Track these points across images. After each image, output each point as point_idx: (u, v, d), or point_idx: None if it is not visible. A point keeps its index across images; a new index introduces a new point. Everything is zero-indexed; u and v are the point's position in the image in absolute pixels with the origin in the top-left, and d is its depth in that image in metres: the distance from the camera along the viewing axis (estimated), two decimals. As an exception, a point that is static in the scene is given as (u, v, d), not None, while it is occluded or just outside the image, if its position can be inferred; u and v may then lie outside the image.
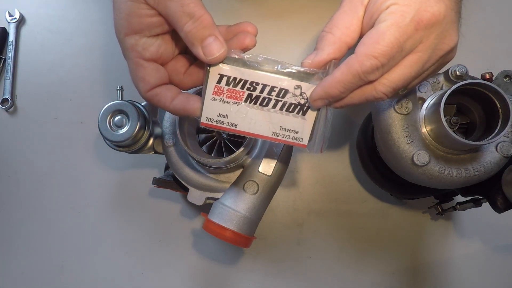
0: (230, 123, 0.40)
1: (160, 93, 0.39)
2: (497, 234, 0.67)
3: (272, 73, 0.38)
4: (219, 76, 0.38)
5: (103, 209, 0.70)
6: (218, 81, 0.39)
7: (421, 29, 0.34)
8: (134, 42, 0.38)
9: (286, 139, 0.40)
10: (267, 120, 0.39)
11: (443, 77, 0.49)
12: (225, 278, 0.67)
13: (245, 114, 0.39)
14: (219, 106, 0.39)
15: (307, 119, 0.39)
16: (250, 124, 0.40)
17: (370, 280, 0.66)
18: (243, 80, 0.38)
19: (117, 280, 0.68)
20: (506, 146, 0.45)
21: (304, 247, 0.67)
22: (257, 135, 0.40)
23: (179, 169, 0.51)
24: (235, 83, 0.39)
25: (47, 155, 0.72)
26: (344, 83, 0.35)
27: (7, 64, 0.74)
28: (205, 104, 0.39)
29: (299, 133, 0.40)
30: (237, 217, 0.47)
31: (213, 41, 0.36)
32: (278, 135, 0.40)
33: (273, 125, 0.40)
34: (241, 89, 0.39)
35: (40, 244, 0.70)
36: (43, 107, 0.73)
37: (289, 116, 0.39)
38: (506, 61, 0.70)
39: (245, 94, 0.39)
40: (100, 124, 0.50)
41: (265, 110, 0.39)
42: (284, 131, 0.40)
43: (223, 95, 0.39)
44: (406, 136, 0.46)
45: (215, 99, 0.39)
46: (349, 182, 0.69)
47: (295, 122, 0.40)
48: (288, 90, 0.39)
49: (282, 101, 0.39)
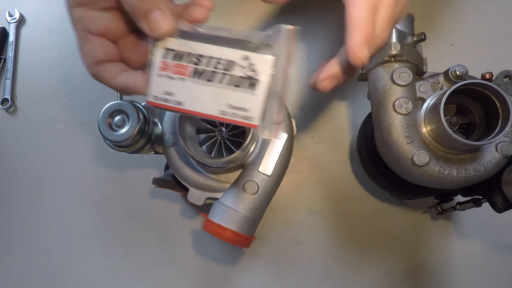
0: (176, 102, 0.36)
1: (104, 69, 0.37)
2: (497, 234, 0.67)
3: (219, 45, 0.35)
4: (165, 50, 0.36)
5: (103, 209, 0.70)
6: (164, 56, 0.36)
7: None
8: (81, 15, 0.37)
9: (234, 119, 0.36)
10: (214, 97, 0.36)
11: (443, 77, 0.49)
12: (225, 278, 0.67)
13: (191, 91, 0.36)
14: (166, 83, 0.36)
15: (257, 95, 0.35)
16: (197, 102, 0.36)
17: (370, 280, 0.66)
18: (190, 53, 0.35)
19: (117, 280, 0.68)
20: (506, 146, 0.45)
21: (304, 247, 0.67)
22: (204, 114, 0.36)
23: (179, 169, 0.51)
24: (181, 57, 0.36)
25: (47, 155, 0.72)
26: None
27: (7, 64, 0.74)
28: (151, 82, 0.36)
29: (248, 111, 0.36)
30: (237, 217, 0.47)
31: (158, 15, 0.34)
32: (225, 114, 0.36)
33: (220, 102, 0.36)
34: (188, 64, 0.36)
35: (40, 244, 0.70)
36: (43, 107, 0.73)
37: (237, 91, 0.35)
38: (506, 61, 0.70)
39: (191, 69, 0.36)
40: (100, 124, 0.50)
41: (211, 86, 0.36)
42: (232, 109, 0.36)
43: (170, 70, 0.36)
44: (406, 136, 0.46)
45: (162, 76, 0.36)
46: (349, 182, 0.69)
47: (244, 99, 0.35)
48: (235, 62, 0.35)
49: (229, 75, 0.35)
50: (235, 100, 0.36)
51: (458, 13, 0.73)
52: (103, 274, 0.68)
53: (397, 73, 0.47)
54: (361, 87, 0.71)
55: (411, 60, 0.47)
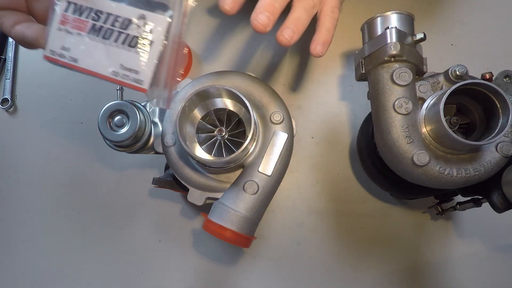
0: (71, 58, 0.36)
1: (4, 16, 0.37)
2: (497, 234, 0.67)
3: (119, 1, 0.35)
4: (67, 3, 0.35)
5: (103, 209, 0.70)
6: (66, 9, 0.35)
7: None
8: None
9: (125, 81, 0.35)
10: (107, 56, 0.35)
11: (443, 77, 0.49)
12: (225, 278, 0.67)
13: (87, 47, 0.35)
14: (63, 38, 0.35)
15: (149, 57, 0.35)
16: (91, 60, 0.35)
17: (370, 280, 0.66)
18: (90, 8, 0.35)
19: (117, 280, 0.68)
20: (506, 146, 0.45)
21: (304, 247, 0.67)
22: (96, 73, 0.36)
23: (179, 169, 0.51)
24: (81, 12, 0.35)
25: (47, 155, 0.72)
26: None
27: (7, 64, 0.74)
28: (51, 35, 0.35)
29: (139, 73, 0.35)
30: (237, 217, 0.47)
31: None
32: (117, 75, 0.35)
33: (113, 62, 0.35)
34: (87, 19, 0.35)
35: (40, 244, 0.70)
36: (43, 107, 0.73)
37: (130, 52, 0.35)
38: (506, 61, 0.70)
39: (89, 25, 0.35)
40: (100, 124, 0.50)
41: (107, 44, 0.35)
42: (124, 70, 0.35)
43: (69, 25, 0.35)
44: (406, 136, 0.46)
45: (61, 29, 0.35)
46: (349, 182, 0.69)
47: (136, 60, 0.35)
48: (131, 21, 0.34)
49: (125, 33, 0.35)
50: (127, 60, 0.35)
51: (458, 13, 0.73)
52: (103, 274, 0.68)
53: (397, 73, 0.47)
54: (361, 87, 0.71)
55: (411, 60, 0.47)
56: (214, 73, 0.53)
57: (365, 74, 0.51)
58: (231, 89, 0.47)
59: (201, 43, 0.74)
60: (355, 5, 0.72)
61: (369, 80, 0.51)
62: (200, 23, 0.75)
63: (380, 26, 0.50)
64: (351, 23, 0.59)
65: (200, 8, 0.75)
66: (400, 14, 0.50)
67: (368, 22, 0.51)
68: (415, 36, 0.49)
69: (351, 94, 0.71)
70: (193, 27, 0.75)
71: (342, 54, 0.73)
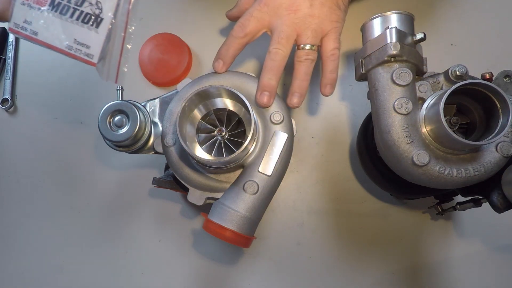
0: (32, 31, 0.40)
1: None
2: (497, 234, 0.67)
3: None
4: None
5: (103, 209, 0.70)
6: None
7: None
8: None
9: (78, 54, 0.40)
10: (64, 31, 0.40)
11: (443, 77, 0.49)
12: (225, 278, 0.67)
13: (46, 21, 0.39)
14: (26, 12, 0.39)
15: (99, 33, 0.39)
16: (49, 33, 0.40)
17: (370, 280, 0.66)
18: None
19: (117, 280, 0.68)
20: (506, 146, 0.45)
21: (304, 247, 0.67)
22: (53, 46, 0.40)
23: (179, 169, 0.51)
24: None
25: (47, 155, 0.72)
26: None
27: (7, 64, 0.74)
28: (15, 9, 0.39)
29: (90, 48, 0.40)
30: (237, 217, 0.47)
31: None
32: (71, 49, 0.40)
33: (68, 36, 0.40)
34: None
35: (40, 244, 0.70)
36: (43, 107, 0.73)
37: (83, 27, 0.39)
38: (506, 61, 0.70)
39: (49, 0, 0.39)
40: (100, 124, 0.50)
41: (63, 19, 0.39)
42: (77, 45, 0.40)
43: (31, 0, 0.39)
44: (406, 136, 0.46)
45: (24, 4, 0.39)
46: (349, 182, 0.69)
47: (88, 35, 0.40)
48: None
49: (79, 10, 0.39)
50: (80, 36, 0.40)
51: (458, 13, 0.73)
52: (103, 274, 0.68)
53: (397, 73, 0.47)
54: (361, 87, 0.71)
55: (411, 60, 0.47)
56: (214, 73, 0.53)
57: (365, 74, 0.51)
58: (231, 89, 0.47)
59: (201, 43, 0.74)
60: (355, 5, 0.72)
61: (369, 80, 0.50)
62: (200, 23, 0.75)
63: (380, 26, 0.50)
64: (351, 23, 0.59)
65: (200, 8, 0.75)
66: (400, 14, 0.50)
67: (368, 22, 0.51)
68: (415, 36, 0.49)
69: (351, 94, 0.71)
70: (193, 27, 0.75)
71: (342, 54, 0.73)
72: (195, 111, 0.50)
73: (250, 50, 0.72)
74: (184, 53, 0.72)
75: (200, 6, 0.75)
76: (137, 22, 0.75)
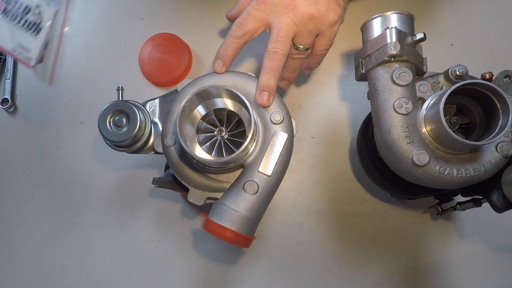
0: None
1: None
2: (497, 234, 0.67)
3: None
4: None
5: (103, 209, 0.70)
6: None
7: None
8: None
9: (20, 56, 0.45)
10: (12, 35, 0.44)
11: (443, 77, 0.49)
12: (225, 278, 0.67)
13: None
14: None
15: (37, 39, 0.45)
16: (0, 35, 0.45)
17: (370, 280, 0.66)
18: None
19: (117, 280, 0.68)
20: (506, 146, 0.45)
21: (304, 247, 0.67)
22: (3, 48, 0.45)
23: (179, 169, 0.51)
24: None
25: (47, 155, 0.72)
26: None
27: (7, 64, 0.74)
28: None
29: (30, 51, 0.45)
30: (237, 217, 0.47)
31: None
32: (15, 51, 0.45)
33: (15, 40, 0.45)
34: (2, 1, 0.44)
35: (40, 244, 0.70)
36: (43, 107, 0.73)
37: (27, 33, 0.45)
38: (506, 61, 0.70)
39: (2, 7, 0.44)
40: (100, 124, 0.50)
41: (12, 25, 0.44)
42: (20, 48, 0.45)
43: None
44: (406, 136, 0.46)
45: None
46: (349, 182, 0.69)
47: (30, 41, 0.45)
48: (31, 8, 0.44)
49: (25, 18, 0.44)
50: (24, 40, 0.45)
51: (458, 13, 0.73)
52: (103, 274, 0.68)
53: (397, 73, 0.47)
54: (361, 87, 0.71)
55: (411, 60, 0.47)
56: (214, 73, 0.53)
57: (365, 74, 0.51)
58: (231, 89, 0.47)
59: (201, 43, 0.74)
60: (355, 5, 0.72)
61: (369, 80, 0.51)
62: (200, 23, 0.75)
63: (380, 26, 0.50)
64: (351, 23, 0.59)
65: (200, 8, 0.75)
66: (400, 14, 0.50)
67: (368, 22, 0.51)
68: (415, 36, 0.49)
69: (351, 94, 0.71)
70: (193, 27, 0.75)
71: (342, 54, 0.73)
72: (195, 111, 0.50)
73: (249, 50, 0.73)
74: (184, 53, 0.72)
75: (200, 6, 0.75)
76: (137, 22, 0.75)
